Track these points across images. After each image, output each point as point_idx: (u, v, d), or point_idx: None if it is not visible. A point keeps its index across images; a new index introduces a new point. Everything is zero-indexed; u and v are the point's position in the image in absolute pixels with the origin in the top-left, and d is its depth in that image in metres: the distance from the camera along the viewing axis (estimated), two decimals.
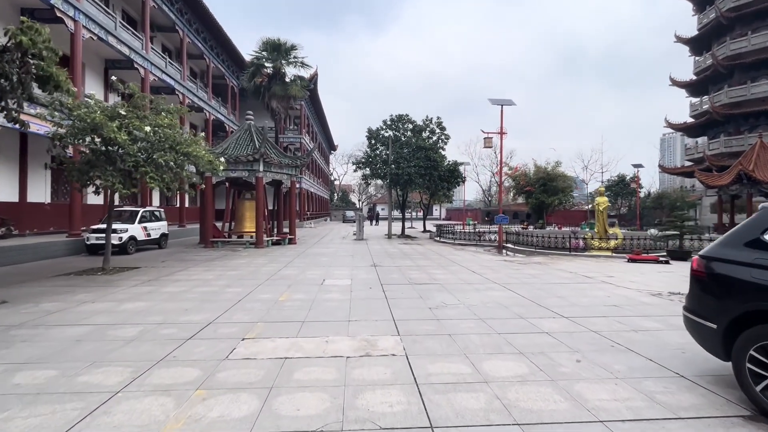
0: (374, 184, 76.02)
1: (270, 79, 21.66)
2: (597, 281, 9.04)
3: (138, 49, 18.60)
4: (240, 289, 7.75)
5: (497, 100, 17.54)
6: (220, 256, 13.30)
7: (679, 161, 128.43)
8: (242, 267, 10.89)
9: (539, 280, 9.07)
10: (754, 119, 39.80)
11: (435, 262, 12.29)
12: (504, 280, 8.99)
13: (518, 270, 10.77)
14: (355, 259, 12.89)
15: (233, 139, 17.73)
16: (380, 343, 4.63)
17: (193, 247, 16.51)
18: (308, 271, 10.18)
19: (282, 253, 14.40)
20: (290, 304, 6.61)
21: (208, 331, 5.05)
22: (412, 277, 9.38)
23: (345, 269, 10.68)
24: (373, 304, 6.60)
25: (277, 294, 7.36)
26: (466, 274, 9.89)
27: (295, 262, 12.13)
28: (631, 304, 6.76)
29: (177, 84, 22.45)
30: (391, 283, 8.67)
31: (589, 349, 4.43)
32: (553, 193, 34.61)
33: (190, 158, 10.36)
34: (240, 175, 16.84)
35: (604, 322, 5.56)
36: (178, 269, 10.38)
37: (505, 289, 8.03)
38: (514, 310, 6.27)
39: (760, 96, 38.83)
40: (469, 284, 8.52)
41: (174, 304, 6.50)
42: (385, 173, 22.84)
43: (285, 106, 21.87)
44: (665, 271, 10.68)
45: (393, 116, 24.12)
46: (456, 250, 16.48)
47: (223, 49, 29.13)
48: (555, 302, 6.83)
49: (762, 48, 38.61)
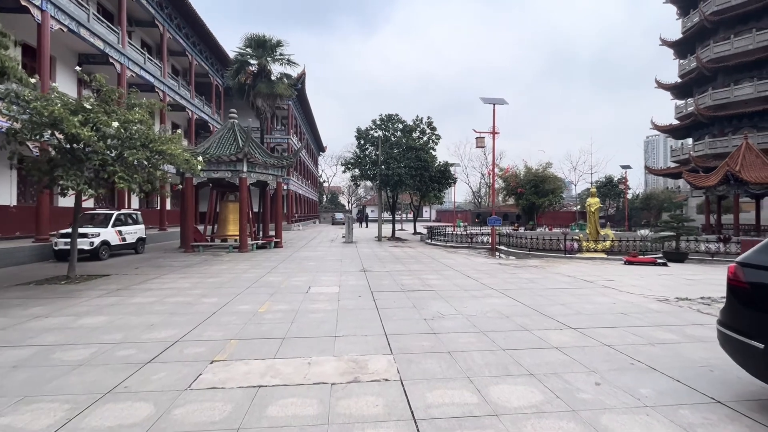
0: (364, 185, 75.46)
1: (255, 76, 20.91)
2: (598, 286, 8.61)
3: (114, 44, 17.67)
4: (216, 300, 7.07)
5: (489, 99, 17.14)
6: (200, 262, 12.53)
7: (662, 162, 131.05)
8: (222, 273, 10.17)
9: (538, 286, 8.59)
10: (737, 121, 40.48)
11: (428, 267, 11.75)
12: (502, 286, 8.49)
13: (515, 274, 10.30)
14: (344, 264, 12.27)
15: (216, 138, 16.93)
16: (371, 364, 4.04)
17: (173, 252, 15.66)
18: (293, 278, 9.53)
19: (267, 258, 13.68)
20: (271, 316, 5.96)
21: (172, 352, 4.39)
22: (404, 284, 8.81)
23: (333, 275, 10.06)
24: (363, 316, 6.00)
25: (257, 304, 6.70)
26: (461, 280, 9.37)
27: (279, 267, 11.45)
28: (640, 311, 6.31)
29: (157, 81, 21.51)
30: (382, 290, 8.09)
31: (607, 368, 3.92)
32: (543, 195, 34.52)
33: (165, 157, 9.61)
34: (222, 175, 16.05)
35: (616, 334, 5.07)
36: (151, 277, 9.61)
37: (503, 295, 7.52)
38: (517, 320, 5.74)
39: (743, 98, 39.50)
40: (466, 291, 7.99)
41: (139, 318, 5.79)
42: (374, 174, 22.27)
43: (271, 104, 21.13)
44: (665, 274, 10.33)
45: (383, 116, 23.59)
46: (448, 253, 15.99)
47: (207, 46, 28.22)
48: (559, 311, 6.33)
49: (744, 51, 39.29)
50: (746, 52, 39.34)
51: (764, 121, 38.96)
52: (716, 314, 6.13)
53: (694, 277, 9.84)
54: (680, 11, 46.62)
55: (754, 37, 38.94)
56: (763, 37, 38.42)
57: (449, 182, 23.80)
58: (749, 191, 27.07)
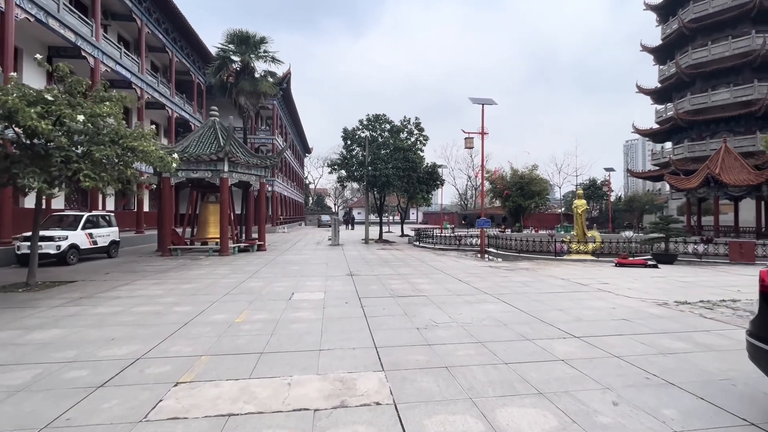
0: (350, 187, 74.86)
1: (238, 74, 20.20)
2: (593, 289, 8.34)
3: (87, 36, 16.74)
4: (190, 308, 6.47)
5: (478, 99, 16.91)
6: (176, 266, 11.82)
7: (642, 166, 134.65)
8: (200, 279, 9.53)
9: (532, 290, 8.26)
10: (714, 125, 41.56)
11: (417, 270, 11.33)
12: (495, 290, 8.13)
13: (507, 277, 9.97)
14: (330, 268, 11.74)
15: (195, 137, 16.20)
16: (360, 383, 3.57)
17: (149, 256, 14.83)
18: (276, 283, 8.96)
19: (248, 262, 13.04)
20: (248, 327, 5.42)
21: (131, 373, 3.82)
22: (393, 289, 8.36)
23: (318, 280, 9.53)
24: (350, 325, 5.52)
25: (235, 314, 6.14)
26: (452, 284, 8.97)
27: (261, 271, 10.85)
28: (641, 317, 6.01)
29: (134, 77, 20.58)
30: (370, 296, 7.61)
31: (622, 384, 3.55)
32: (529, 197, 34.64)
33: (137, 154, 8.94)
34: (202, 175, 15.33)
35: (623, 343, 4.72)
36: (121, 283, 8.90)
37: (498, 300, 7.15)
38: (516, 328, 5.35)
39: (720, 104, 40.59)
40: (458, 296, 7.59)
41: (99, 332, 5.18)
42: (361, 175, 21.80)
43: (254, 103, 20.44)
44: (658, 276, 10.17)
45: (370, 116, 23.16)
46: (437, 256, 15.62)
47: (188, 43, 27.27)
48: (558, 317, 5.98)
49: (721, 58, 40.42)
50: (722, 58, 40.49)
51: (740, 125, 40.09)
52: (720, 319, 5.93)
53: (688, 279, 9.70)
54: (660, 18, 47.79)
55: (730, 44, 40.10)
56: (737, 45, 39.59)
57: (437, 184, 23.51)
58: (728, 193, 27.66)
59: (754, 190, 27.00)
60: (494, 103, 17.09)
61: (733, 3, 39.48)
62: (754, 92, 38.07)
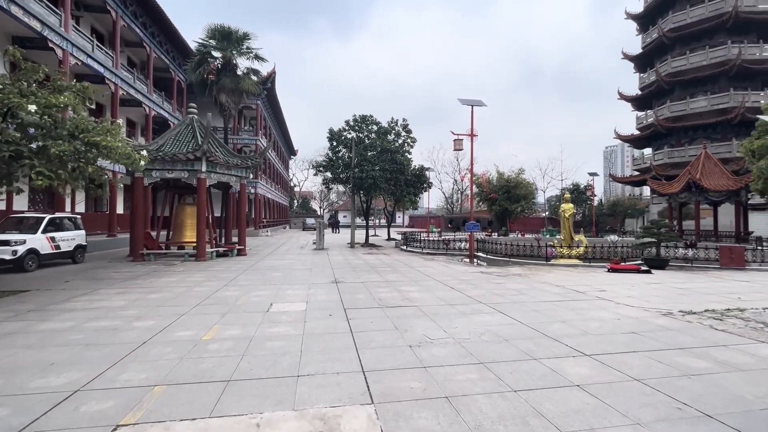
0: (336, 190, 73.98)
1: (219, 71, 19.33)
2: (592, 297, 7.93)
3: (54, 26, 15.67)
4: (153, 323, 5.72)
5: (467, 101, 16.54)
6: (146, 273, 10.93)
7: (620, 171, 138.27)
8: (170, 287, 8.72)
9: (529, 298, 7.79)
10: (693, 132, 42.58)
11: (406, 276, 10.76)
12: (490, 299, 7.62)
13: (500, 284, 9.49)
14: (314, 274, 11.06)
15: (172, 135, 15.29)
16: (345, 422, 2.96)
17: (119, 262, 13.83)
18: (254, 292, 8.24)
19: (226, 268, 12.23)
20: (217, 346, 4.73)
21: (62, 412, 3.11)
22: (381, 297, 7.75)
23: (300, 288, 8.85)
24: (335, 343, 4.89)
25: (203, 329, 5.43)
26: (444, 292, 8.43)
27: (240, 278, 10.09)
28: (650, 329, 5.58)
29: (107, 72, 19.47)
30: (356, 306, 6.99)
31: (653, 418, 3.04)
32: (516, 200, 34.63)
33: (101, 150, 8.12)
34: (178, 175, 14.44)
35: (639, 362, 4.25)
36: (80, 293, 8.03)
37: (495, 311, 6.63)
38: (519, 345, 4.83)
39: (698, 111, 41.63)
40: (451, 305, 7.04)
41: (38, 354, 4.41)
42: (347, 177, 21.17)
43: (236, 101, 19.60)
44: (653, 283, 9.87)
45: (356, 116, 22.57)
46: (426, 261, 15.10)
47: (168, 39, 26.19)
48: (562, 330, 5.50)
49: (699, 67, 41.49)
50: (700, 67, 41.55)
51: (716, 132, 41.14)
52: (734, 332, 5.54)
53: (684, 286, 9.41)
54: (640, 28, 48.91)
55: (707, 53, 41.18)
56: (714, 54, 40.69)
57: (425, 186, 23.06)
58: (709, 198, 28.11)
59: (734, 195, 27.51)
60: (484, 104, 16.76)
61: (710, 14, 40.65)
62: (730, 100, 39.19)
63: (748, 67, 38.97)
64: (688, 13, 42.16)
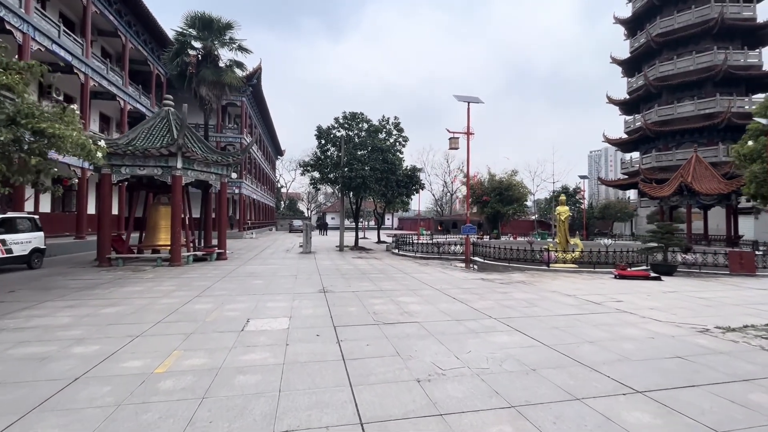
0: (324, 191, 72.66)
1: (199, 62, 18.09)
2: (611, 309, 7.10)
3: (13, 7, 14.23)
4: (96, 348, 4.62)
5: (463, 97, 15.73)
6: (110, 281, 9.70)
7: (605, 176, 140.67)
8: (132, 299, 7.56)
9: (542, 311, 6.92)
10: (680, 136, 42.95)
11: (401, 284, 9.79)
12: (500, 313, 6.72)
13: (507, 294, 8.62)
14: (299, 282, 9.99)
15: (145, 128, 14.02)
16: None
17: (83, 267, 12.50)
18: (229, 305, 7.15)
19: (202, 274, 11.06)
20: (171, 384, 3.67)
21: None
22: (377, 311, 6.77)
23: (283, 299, 7.79)
24: (323, 377, 3.89)
25: (157, 357, 4.35)
26: (446, 303, 7.50)
27: (215, 287, 8.96)
28: (694, 352, 4.75)
29: (76, 60, 18.01)
30: (348, 323, 5.99)
31: None
32: (508, 203, 34.07)
33: (48, 139, 6.94)
34: (151, 172, 13.19)
35: (707, 403, 3.37)
36: (20, 307, 6.81)
37: (510, 329, 5.72)
38: (553, 377, 3.91)
39: (685, 115, 42.02)
40: (458, 321, 6.11)
41: None
42: (336, 177, 20.12)
43: (217, 95, 18.38)
44: (669, 291, 9.14)
45: (346, 113, 21.55)
46: (420, 266, 14.17)
47: (146, 29, 24.74)
48: (595, 354, 4.62)
49: (685, 72, 41.91)
50: (687, 72, 41.97)
51: (703, 137, 41.53)
52: None
53: (703, 295, 8.70)
54: (628, 32, 49.33)
55: (694, 59, 41.62)
56: (701, 60, 41.14)
57: (416, 188, 22.17)
58: (700, 201, 28.03)
59: (725, 199, 27.47)
60: (480, 101, 15.98)
61: (696, 20, 41.11)
62: (717, 105, 39.61)
63: (734, 73, 39.49)
64: (675, 18, 42.60)
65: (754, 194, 20.75)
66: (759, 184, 20.06)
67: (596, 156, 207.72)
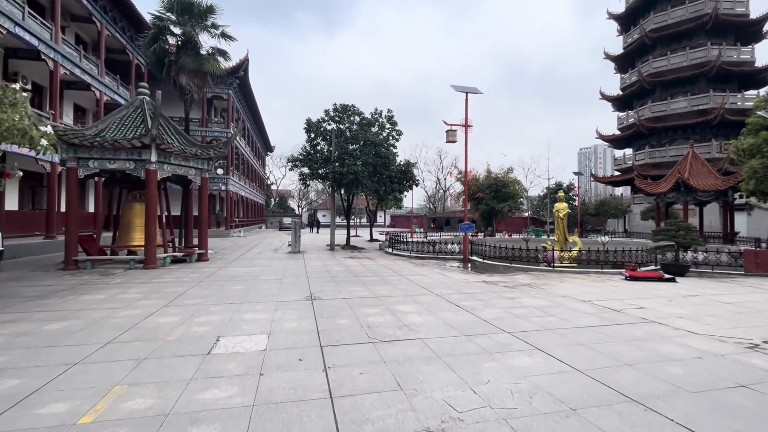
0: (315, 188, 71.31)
1: (179, 48, 16.86)
2: (635, 319, 6.29)
3: None
4: (14, 384, 3.61)
5: (461, 87, 14.84)
6: (70, 287, 8.60)
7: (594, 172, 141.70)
8: (87, 311, 6.51)
9: (560, 322, 6.07)
10: (672, 133, 42.77)
11: (397, 289, 8.88)
12: (512, 325, 5.84)
13: (514, 300, 7.76)
14: (284, 287, 9.01)
15: (116, 119, 12.84)
16: None
17: (47, 270, 11.34)
18: (200, 317, 6.15)
19: (177, 278, 10.00)
20: None
21: None
22: (372, 324, 5.84)
23: (264, 309, 6.81)
24: (304, 427, 2.95)
25: (92, 396, 3.36)
26: (450, 313, 6.60)
27: (189, 294, 7.94)
28: (757, 378, 3.92)
29: (45, 46, 16.66)
30: (339, 341, 5.05)
31: None
32: (503, 200, 33.41)
33: None
34: (121, 166, 12.05)
35: None
36: None
37: (529, 346, 4.84)
38: (600, 421, 3.02)
39: (678, 111, 41.81)
40: (467, 337, 5.22)
41: None
42: (326, 173, 19.10)
43: (199, 84, 17.18)
44: (690, 295, 8.38)
45: (337, 105, 20.49)
46: (416, 267, 13.27)
47: (123, 15, 23.33)
48: (640, 383, 3.75)
49: (679, 67, 41.66)
50: (680, 68, 41.73)
51: (696, 133, 41.37)
52: None
53: (728, 299, 7.97)
54: (621, 28, 48.98)
55: (687, 54, 41.36)
56: (694, 55, 40.88)
57: (411, 184, 21.25)
58: (697, 198, 27.66)
59: (721, 195, 27.15)
60: (479, 92, 15.10)
61: (690, 15, 40.81)
62: (710, 101, 39.43)
63: (727, 69, 39.32)
64: (669, 14, 42.26)
65: (753, 190, 20.30)
66: (759, 180, 19.59)
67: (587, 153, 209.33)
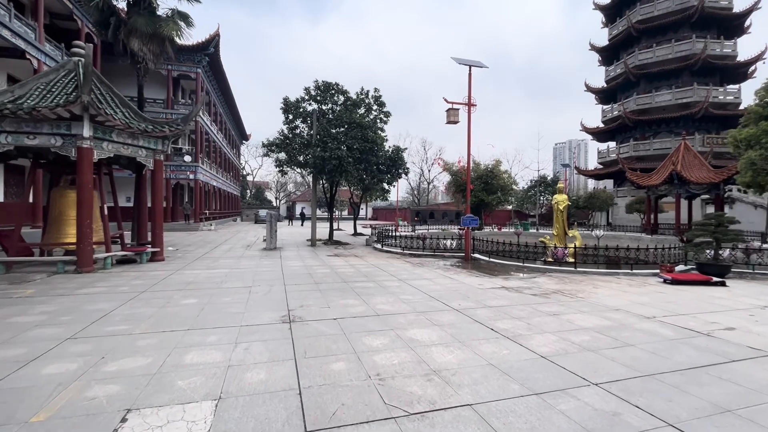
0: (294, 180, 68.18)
1: (130, 6, 14.09)
2: (744, 348, 4.56)
3: None
4: None
5: (464, 60, 12.90)
6: None
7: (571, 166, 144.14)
8: None
9: (651, 359, 4.25)
10: (656, 126, 42.57)
11: (402, 301, 6.89)
12: (590, 367, 3.97)
13: (560, 318, 5.93)
14: (253, 300, 6.85)
15: (41, 83, 10.18)
16: None
17: None
18: (112, 361, 3.97)
19: (113, 287, 7.65)
20: None
21: None
22: (381, 369, 3.84)
23: (219, 341, 4.68)
24: None
25: None
26: (490, 345, 4.67)
27: (114, 315, 5.68)
28: None
29: None
30: (335, 410, 3.02)
31: None
32: (492, 192, 31.99)
33: None
34: (44, 142, 9.45)
35: None
36: None
37: (648, 417, 2.98)
38: None
39: (662, 105, 41.56)
40: (541, 398, 3.31)
41: None
42: (306, 159, 16.83)
43: (155, 51, 14.46)
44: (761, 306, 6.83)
45: (318, 83, 18.13)
46: (414, 267, 11.32)
47: None
48: None
49: (664, 60, 41.32)
50: (665, 60, 41.38)
51: (679, 126, 41.26)
52: None
53: None
54: (607, 20, 48.29)
55: (672, 47, 41.01)
56: (679, 48, 40.56)
57: (400, 171, 19.23)
58: (690, 191, 26.96)
59: (714, 188, 26.53)
60: (484, 65, 13.20)
61: (676, 7, 40.37)
62: (694, 95, 39.25)
63: (710, 62, 39.19)
64: (656, 5, 41.71)
65: (749, 182, 19.48)
66: (756, 172, 18.73)
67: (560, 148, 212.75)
